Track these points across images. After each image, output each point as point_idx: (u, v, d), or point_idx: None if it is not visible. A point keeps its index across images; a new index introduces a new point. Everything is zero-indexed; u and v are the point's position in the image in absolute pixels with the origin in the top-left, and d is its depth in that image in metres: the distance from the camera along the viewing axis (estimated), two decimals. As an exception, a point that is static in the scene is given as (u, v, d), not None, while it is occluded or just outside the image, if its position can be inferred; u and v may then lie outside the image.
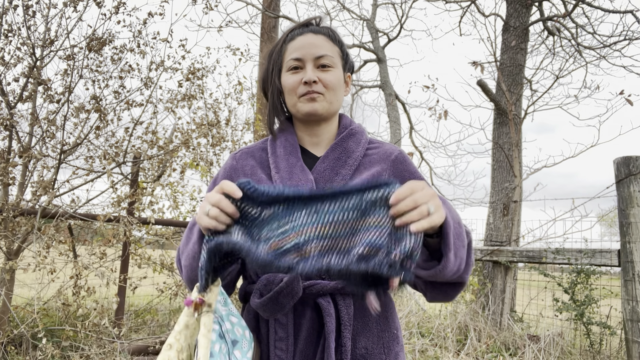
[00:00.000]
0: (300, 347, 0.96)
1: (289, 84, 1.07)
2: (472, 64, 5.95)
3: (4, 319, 3.18)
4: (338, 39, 1.12)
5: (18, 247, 3.27)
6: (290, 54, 1.08)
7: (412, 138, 8.79)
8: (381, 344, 1.00)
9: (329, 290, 0.96)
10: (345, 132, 1.12)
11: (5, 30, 3.20)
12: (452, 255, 0.82)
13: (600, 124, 5.25)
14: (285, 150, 1.09)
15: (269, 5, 6.50)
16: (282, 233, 0.79)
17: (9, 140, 3.26)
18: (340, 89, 1.10)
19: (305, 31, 1.09)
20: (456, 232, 0.85)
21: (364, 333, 0.99)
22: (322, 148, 1.12)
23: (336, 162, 1.07)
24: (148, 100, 3.86)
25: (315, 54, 1.05)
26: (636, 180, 3.19)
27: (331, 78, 1.06)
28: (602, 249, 3.64)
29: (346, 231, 0.79)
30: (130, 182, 3.91)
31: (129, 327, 4.00)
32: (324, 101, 1.06)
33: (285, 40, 1.11)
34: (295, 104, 1.07)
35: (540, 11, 6.29)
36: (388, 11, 19.66)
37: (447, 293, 0.96)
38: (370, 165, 1.08)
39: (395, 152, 1.11)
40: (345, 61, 1.14)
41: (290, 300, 0.93)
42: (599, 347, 3.64)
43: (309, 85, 1.04)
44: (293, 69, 1.07)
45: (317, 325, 0.96)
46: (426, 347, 3.92)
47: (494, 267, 4.66)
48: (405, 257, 0.71)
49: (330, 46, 1.08)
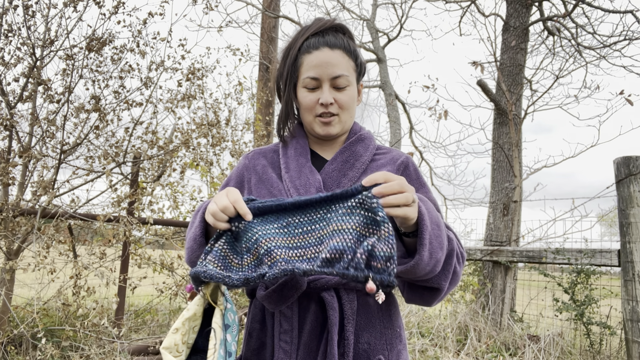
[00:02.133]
0: (304, 339, 0.98)
1: (306, 103, 1.10)
2: (472, 64, 5.95)
3: (4, 319, 3.18)
4: (353, 49, 1.12)
5: (18, 247, 3.27)
6: (306, 70, 1.08)
7: (412, 138, 8.79)
8: (384, 340, 1.02)
9: (333, 285, 0.98)
10: (355, 137, 1.16)
11: (5, 30, 3.20)
12: (426, 253, 0.84)
13: (600, 124, 5.25)
14: (296, 152, 1.13)
15: (269, 5, 6.51)
16: (255, 241, 0.85)
17: (9, 140, 3.26)
18: (354, 105, 1.13)
19: (321, 44, 1.08)
20: (434, 233, 0.87)
21: (367, 328, 1.01)
22: (331, 152, 1.17)
23: (344, 165, 1.10)
24: (148, 100, 3.86)
25: (331, 74, 1.07)
26: (636, 180, 3.19)
27: (347, 99, 1.09)
28: (602, 249, 3.64)
29: (314, 241, 0.84)
30: (130, 182, 3.91)
31: (128, 327, 4.00)
32: (338, 123, 1.11)
33: (300, 49, 1.10)
34: (311, 123, 1.11)
35: (540, 11, 6.29)
36: (388, 11, 19.66)
37: (424, 297, 0.98)
38: (377, 169, 1.11)
39: (401, 158, 1.14)
40: (359, 73, 1.15)
41: (295, 293, 0.97)
42: (599, 347, 3.64)
43: (325, 107, 1.07)
44: (310, 86, 1.09)
45: (321, 318, 0.99)
46: (426, 347, 3.92)
47: (494, 267, 4.66)
48: (369, 256, 0.74)
49: (347, 62, 1.09)
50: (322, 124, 1.09)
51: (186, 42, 4.04)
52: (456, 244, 0.97)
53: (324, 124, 1.09)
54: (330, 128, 1.10)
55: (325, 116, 1.09)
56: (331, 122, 1.09)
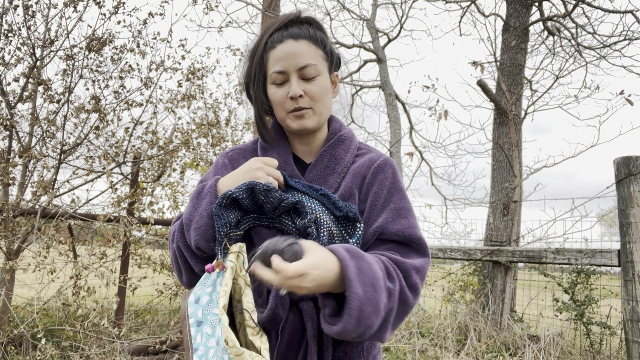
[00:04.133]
0: (281, 350, 0.96)
1: (276, 99, 1.05)
2: (472, 64, 5.95)
3: (4, 319, 3.18)
4: (320, 38, 1.07)
5: (18, 247, 3.27)
6: (272, 65, 1.04)
7: (412, 138, 8.79)
8: (360, 348, 1.01)
9: (311, 296, 0.96)
10: (334, 138, 1.11)
11: (5, 30, 3.20)
12: (353, 321, 0.81)
13: (600, 124, 5.25)
14: (280, 157, 1.09)
15: (269, 5, 6.51)
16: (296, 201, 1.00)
17: (9, 140, 3.26)
18: (328, 95, 1.07)
19: (285, 37, 1.04)
20: (367, 296, 0.82)
21: None
22: (312, 155, 1.12)
23: (324, 171, 1.07)
24: (148, 100, 3.86)
25: (297, 65, 1.01)
26: (636, 180, 3.19)
27: (317, 89, 1.03)
28: (602, 249, 3.64)
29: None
30: (130, 182, 3.91)
31: (129, 327, 4.00)
32: (312, 116, 1.05)
33: (265, 47, 1.06)
34: (284, 119, 1.06)
35: (540, 11, 6.29)
36: (388, 11, 19.64)
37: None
38: (355, 172, 1.08)
39: (378, 160, 1.09)
40: (331, 62, 1.09)
41: (285, 312, 0.96)
42: (599, 347, 3.64)
43: (295, 100, 1.03)
44: (277, 81, 1.04)
45: (299, 329, 0.97)
46: (426, 347, 3.92)
47: (494, 267, 4.66)
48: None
49: (313, 51, 1.04)
50: (296, 117, 1.04)
51: (186, 42, 4.04)
52: (407, 279, 0.93)
53: (297, 117, 1.03)
54: (305, 121, 1.04)
55: (298, 110, 1.03)
56: (304, 115, 1.03)
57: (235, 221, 0.95)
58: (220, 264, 0.91)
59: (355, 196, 1.04)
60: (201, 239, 0.94)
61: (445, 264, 6.36)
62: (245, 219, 0.98)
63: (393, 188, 1.06)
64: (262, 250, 0.81)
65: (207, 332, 0.87)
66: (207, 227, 0.94)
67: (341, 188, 1.05)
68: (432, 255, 5.06)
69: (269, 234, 0.98)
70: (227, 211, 0.92)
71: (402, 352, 3.81)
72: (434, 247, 5.08)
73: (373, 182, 1.06)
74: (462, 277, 5.22)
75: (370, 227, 1.02)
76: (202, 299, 0.91)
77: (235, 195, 0.91)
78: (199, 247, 0.95)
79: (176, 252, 1.02)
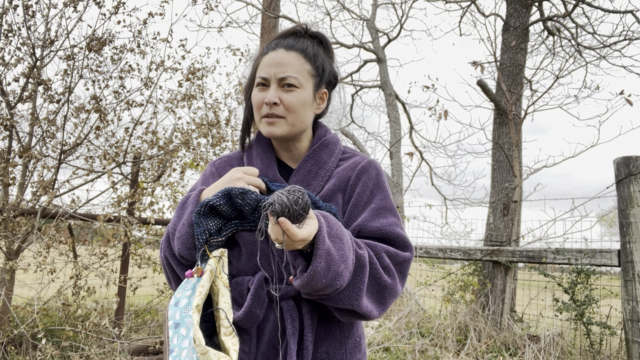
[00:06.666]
0: (262, 349, 0.97)
1: (255, 102, 1.08)
2: (472, 64, 5.95)
3: (4, 319, 3.18)
4: (314, 53, 1.09)
5: (18, 247, 3.27)
6: (259, 70, 1.07)
7: (412, 138, 8.79)
8: (343, 350, 1.01)
9: (292, 295, 0.97)
10: (318, 143, 1.13)
11: (5, 30, 3.20)
12: (322, 263, 0.84)
13: (600, 124, 5.24)
14: (263, 163, 1.11)
15: (269, 5, 6.50)
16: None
17: (9, 140, 3.26)
18: (305, 108, 1.07)
19: (279, 46, 1.07)
20: (335, 245, 0.87)
21: (327, 338, 1.00)
22: (297, 160, 1.14)
23: (307, 175, 1.09)
24: (148, 100, 3.86)
25: (278, 74, 1.04)
26: (636, 180, 3.19)
27: (293, 100, 1.04)
28: (602, 249, 3.64)
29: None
30: (130, 182, 3.91)
31: (129, 327, 4.00)
32: (284, 125, 1.06)
33: (261, 53, 1.10)
34: (259, 123, 1.09)
35: (540, 11, 6.29)
36: (388, 11, 19.65)
37: (342, 315, 0.97)
38: (339, 175, 1.10)
39: (362, 162, 1.11)
40: (321, 77, 1.11)
41: (262, 311, 0.97)
42: (599, 347, 3.64)
43: (269, 107, 1.05)
44: (260, 86, 1.07)
45: (280, 328, 0.97)
46: (426, 347, 3.92)
47: (494, 267, 4.66)
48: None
49: (300, 64, 1.06)
50: (267, 123, 1.06)
51: (186, 42, 4.05)
52: (379, 259, 0.96)
53: (268, 124, 1.06)
54: (273, 128, 1.05)
55: (270, 117, 1.05)
56: (275, 123, 1.05)
57: (215, 228, 0.97)
58: (200, 270, 0.94)
59: (338, 198, 1.07)
60: (183, 248, 0.97)
61: (445, 264, 6.36)
62: (228, 226, 1.00)
63: (376, 189, 1.08)
64: (282, 204, 0.82)
65: (183, 333, 0.89)
66: (187, 236, 0.96)
67: (324, 190, 1.07)
68: (432, 255, 5.06)
69: (251, 238, 1.00)
70: (206, 219, 0.95)
71: (402, 352, 3.81)
72: (434, 247, 5.08)
73: (357, 184, 1.08)
74: (462, 277, 5.22)
75: (349, 226, 1.04)
76: (180, 302, 0.93)
77: (213, 203, 0.94)
78: (182, 255, 0.98)
79: (164, 260, 1.05)
